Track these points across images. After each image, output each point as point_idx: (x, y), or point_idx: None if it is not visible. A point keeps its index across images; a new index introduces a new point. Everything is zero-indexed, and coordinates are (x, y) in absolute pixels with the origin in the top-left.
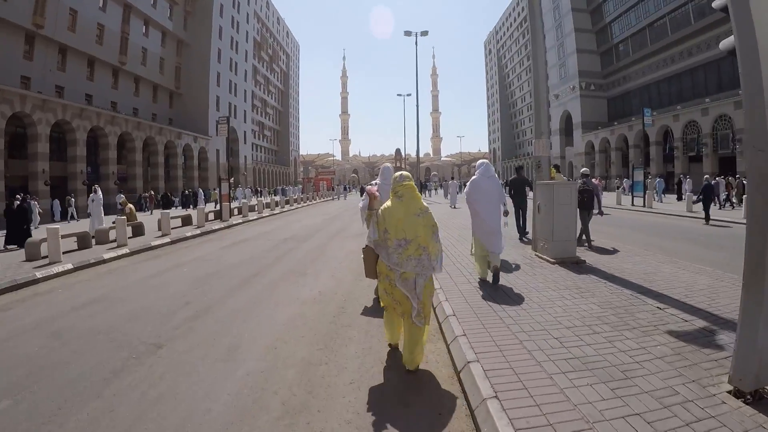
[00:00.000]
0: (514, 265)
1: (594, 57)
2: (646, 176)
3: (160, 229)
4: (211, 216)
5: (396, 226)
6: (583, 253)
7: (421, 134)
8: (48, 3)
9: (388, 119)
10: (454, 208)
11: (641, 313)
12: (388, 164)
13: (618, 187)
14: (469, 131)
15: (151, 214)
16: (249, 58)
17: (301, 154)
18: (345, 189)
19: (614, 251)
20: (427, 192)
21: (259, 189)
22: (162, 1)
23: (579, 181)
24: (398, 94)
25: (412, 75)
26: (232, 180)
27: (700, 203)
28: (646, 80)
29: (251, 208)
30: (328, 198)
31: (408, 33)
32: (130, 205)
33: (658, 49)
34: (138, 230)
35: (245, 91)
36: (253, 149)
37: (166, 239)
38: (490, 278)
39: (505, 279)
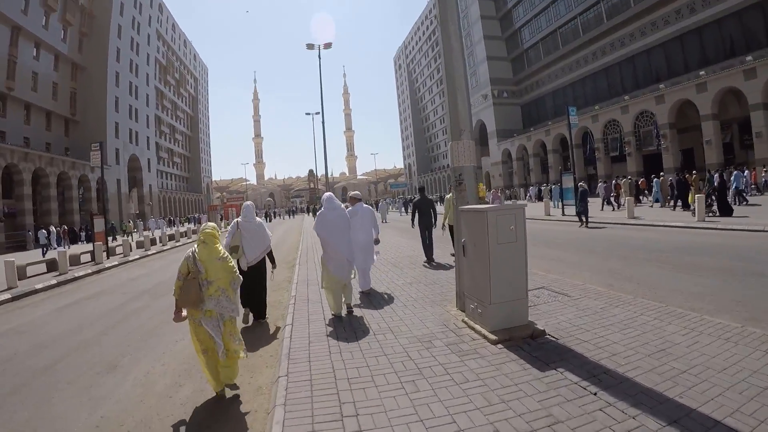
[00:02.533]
0: (424, 341)
1: (505, 64)
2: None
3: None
4: (88, 257)
5: (206, 267)
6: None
7: (336, 153)
8: None
9: (302, 140)
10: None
11: None
12: (330, 193)
13: (526, 197)
14: (384, 148)
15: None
16: (151, 81)
17: (214, 179)
18: (260, 214)
19: (565, 294)
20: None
21: (172, 218)
22: (55, 23)
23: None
24: (306, 113)
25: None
26: (139, 212)
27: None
28: (561, 83)
29: (139, 245)
30: None
31: (310, 46)
32: None
33: (570, 50)
34: None
35: (147, 116)
36: (162, 177)
37: (5, 295)
38: (344, 312)
39: (403, 371)
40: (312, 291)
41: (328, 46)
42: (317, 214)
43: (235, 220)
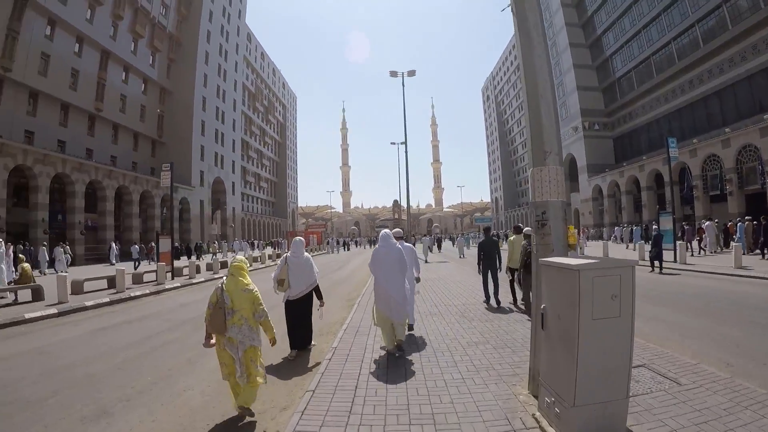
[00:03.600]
0: None
1: (596, 94)
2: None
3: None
4: (153, 276)
5: (231, 297)
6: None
7: (422, 185)
8: (18, 46)
9: (389, 169)
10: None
11: None
12: (387, 230)
13: (610, 237)
14: (471, 181)
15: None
16: (239, 106)
17: (300, 205)
18: (339, 243)
19: (674, 380)
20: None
21: (253, 241)
22: (143, 48)
23: (523, 242)
24: (392, 143)
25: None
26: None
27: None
28: (655, 114)
29: (209, 267)
30: (319, 253)
31: (394, 73)
32: (25, 265)
33: (665, 79)
34: (35, 294)
35: (234, 140)
36: (247, 200)
37: (52, 310)
38: (394, 346)
39: None
40: (358, 344)
41: (411, 73)
42: (373, 250)
43: (285, 254)
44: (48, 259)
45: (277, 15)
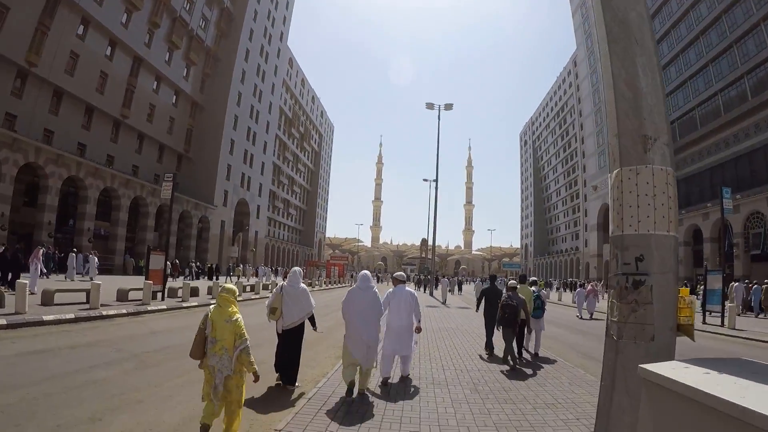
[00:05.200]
0: None
1: None
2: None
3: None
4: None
5: (214, 326)
6: None
7: (453, 225)
8: (47, 41)
9: (420, 206)
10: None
11: None
12: (366, 271)
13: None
14: (501, 224)
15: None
16: (272, 129)
17: (328, 236)
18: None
19: None
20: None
21: (277, 268)
22: (178, 60)
23: (504, 294)
24: (424, 179)
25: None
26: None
27: None
28: (697, 168)
29: (209, 290)
30: (338, 285)
31: (430, 106)
32: None
33: (708, 132)
34: None
35: (263, 163)
36: (274, 226)
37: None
38: (355, 393)
39: None
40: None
41: (449, 107)
42: (348, 290)
43: (281, 284)
44: (74, 265)
45: (319, 38)
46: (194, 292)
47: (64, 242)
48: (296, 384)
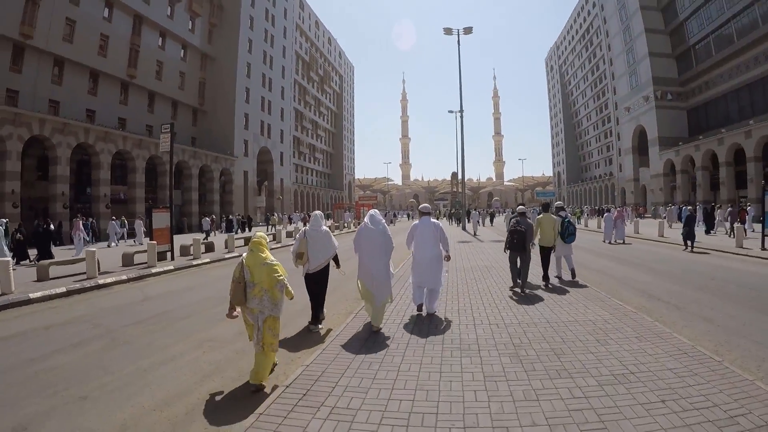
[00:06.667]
0: None
1: (669, 61)
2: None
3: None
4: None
5: (251, 271)
6: None
7: (483, 158)
8: (39, 12)
9: (449, 140)
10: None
11: None
12: (375, 210)
13: (663, 216)
14: (532, 154)
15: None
16: (288, 74)
17: (357, 177)
18: (390, 214)
19: None
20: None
21: (309, 214)
22: (181, 12)
23: (512, 219)
24: (449, 111)
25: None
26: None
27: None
28: (735, 84)
29: (226, 244)
30: None
31: (448, 31)
32: None
33: (748, 44)
34: None
35: (282, 109)
36: (302, 172)
37: None
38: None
39: None
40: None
41: (468, 30)
42: (358, 227)
43: (303, 228)
44: (117, 231)
45: None
46: (209, 247)
47: (84, 211)
48: (320, 326)
